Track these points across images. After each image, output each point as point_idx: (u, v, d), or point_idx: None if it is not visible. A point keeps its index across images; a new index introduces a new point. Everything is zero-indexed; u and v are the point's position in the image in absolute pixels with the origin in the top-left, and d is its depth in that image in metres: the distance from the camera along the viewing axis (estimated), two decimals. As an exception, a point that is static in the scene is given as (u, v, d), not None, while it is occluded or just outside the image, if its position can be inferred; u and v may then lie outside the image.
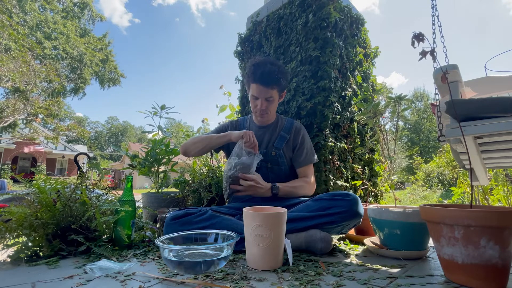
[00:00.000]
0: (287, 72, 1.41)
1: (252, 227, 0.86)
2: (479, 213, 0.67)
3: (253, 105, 1.39)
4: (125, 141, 46.53)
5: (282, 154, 1.39)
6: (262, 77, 1.29)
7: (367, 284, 0.74)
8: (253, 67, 1.33)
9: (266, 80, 1.29)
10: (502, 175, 2.04)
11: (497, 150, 0.99)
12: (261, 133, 1.44)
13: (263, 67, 1.30)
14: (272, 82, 1.30)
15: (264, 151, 1.39)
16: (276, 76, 1.30)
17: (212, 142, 1.39)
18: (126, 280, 0.78)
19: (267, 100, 1.34)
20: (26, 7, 14.66)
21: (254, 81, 1.32)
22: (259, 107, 1.35)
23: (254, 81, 1.32)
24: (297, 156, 1.41)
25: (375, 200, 2.14)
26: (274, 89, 1.33)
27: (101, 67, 18.07)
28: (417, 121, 31.49)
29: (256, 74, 1.30)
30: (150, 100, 21.11)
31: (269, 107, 1.37)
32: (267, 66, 1.30)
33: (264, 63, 1.32)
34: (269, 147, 1.41)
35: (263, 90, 1.32)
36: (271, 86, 1.31)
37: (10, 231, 0.98)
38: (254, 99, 1.37)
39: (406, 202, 6.19)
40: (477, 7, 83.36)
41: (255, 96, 1.35)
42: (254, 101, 1.37)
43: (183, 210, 1.18)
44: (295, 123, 1.48)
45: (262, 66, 1.31)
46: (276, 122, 1.48)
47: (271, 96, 1.34)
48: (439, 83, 0.85)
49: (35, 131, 14.96)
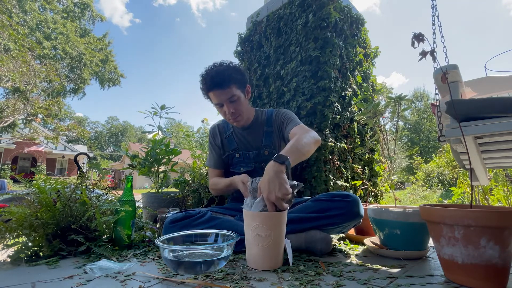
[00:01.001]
0: (237, 66, 1.32)
1: (253, 227, 0.86)
2: (479, 213, 0.67)
3: (222, 114, 1.33)
4: (125, 141, 46.54)
5: (275, 152, 1.34)
6: (213, 81, 1.24)
7: (367, 284, 0.74)
8: (202, 78, 1.28)
9: (218, 82, 1.23)
10: (502, 175, 2.04)
11: (497, 150, 0.99)
12: (246, 134, 1.40)
13: (210, 73, 1.25)
14: (225, 81, 1.23)
15: (256, 152, 1.36)
16: (226, 73, 1.24)
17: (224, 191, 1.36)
18: (126, 280, 0.78)
19: (231, 101, 1.27)
20: (26, 7, 14.66)
21: (209, 90, 1.26)
22: (228, 113, 1.28)
23: (209, 90, 1.26)
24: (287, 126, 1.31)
25: (375, 200, 2.14)
26: (232, 87, 1.25)
27: (101, 67, 18.08)
28: (417, 121, 31.50)
29: (207, 82, 1.25)
30: (150, 100, 21.05)
31: (238, 108, 1.29)
32: (213, 70, 1.26)
33: (209, 69, 1.28)
34: (259, 147, 1.37)
35: (221, 93, 1.25)
36: (227, 85, 1.24)
37: (10, 231, 0.98)
38: (219, 107, 1.30)
39: (406, 202, 6.19)
40: (477, 7, 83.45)
41: (218, 103, 1.28)
42: (220, 109, 1.31)
43: (181, 212, 1.17)
44: (274, 112, 1.41)
45: (209, 72, 1.26)
46: (256, 119, 1.41)
47: (233, 95, 1.26)
48: (439, 83, 0.85)
49: (35, 131, 14.96)
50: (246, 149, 1.38)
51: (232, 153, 1.40)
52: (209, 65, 1.30)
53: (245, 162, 1.37)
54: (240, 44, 2.56)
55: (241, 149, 1.39)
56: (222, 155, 1.43)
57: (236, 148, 1.39)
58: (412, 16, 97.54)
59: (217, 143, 1.44)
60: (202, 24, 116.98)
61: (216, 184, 1.34)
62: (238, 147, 1.39)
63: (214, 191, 1.38)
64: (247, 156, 1.37)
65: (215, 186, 1.35)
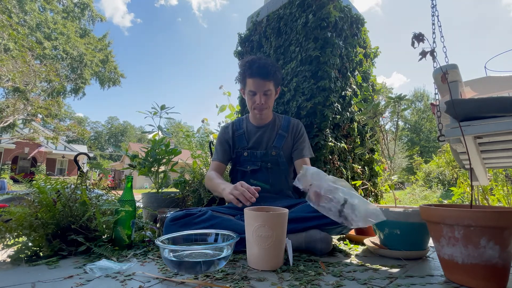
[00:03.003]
0: (279, 66, 1.42)
1: (254, 227, 0.86)
2: (479, 213, 0.67)
3: (250, 102, 1.37)
4: (125, 141, 46.53)
5: (282, 154, 1.38)
6: (258, 70, 1.29)
7: (367, 284, 0.74)
8: (247, 63, 1.33)
9: (262, 72, 1.29)
10: (502, 175, 2.04)
11: (497, 150, 0.99)
12: (260, 133, 1.43)
13: (258, 61, 1.31)
14: (269, 74, 1.30)
15: (264, 151, 1.39)
16: (271, 68, 1.30)
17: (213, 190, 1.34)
18: (126, 280, 0.78)
19: (265, 94, 1.33)
20: (26, 7, 14.66)
21: (251, 76, 1.31)
22: (258, 102, 1.33)
23: (251, 76, 1.31)
24: (300, 147, 1.39)
25: (375, 200, 2.14)
26: (271, 82, 1.33)
27: (101, 67, 18.08)
28: (417, 121, 31.50)
29: (253, 68, 1.30)
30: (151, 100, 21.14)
31: (268, 102, 1.35)
32: (261, 60, 1.32)
33: (258, 58, 1.33)
34: (268, 147, 1.40)
35: (261, 83, 1.31)
36: (268, 78, 1.31)
37: (10, 231, 0.98)
38: (251, 95, 1.35)
39: (406, 202, 6.19)
40: (477, 7, 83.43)
41: (253, 91, 1.33)
42: (251, 97, 1.36)
43: (182, 211, 1.17)
44: (292, 120, 1.47)
45: (257, 60, 1.32)
46: (273, 121, 1.46)
47: (269, 89, 1.33)
48: (439, 83, 0.85)
49: (35, 131, 14.96)
50: (255, 148, 1.41)
51: (240, 151, 1.42)
52: (253, 56, 1.37)
53: (251, 160, 1.40)
54: (240, 44, 2.55)
55: (251, 147, 1.42)
56: (231, 152, 1.46)
57: (246, 146, 1.42)
58: (412, 16, 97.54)
59: (226, 138, 1.47)
60: (204, 24, 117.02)
61: (212, 178, 1.33)
62: (248, 145, 1.42)
63: (206, 183, 1.38)
64: (254, 155, 1.40)
65: (210, 178, 1.34)
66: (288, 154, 1.41)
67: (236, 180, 1.47)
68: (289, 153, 1.41)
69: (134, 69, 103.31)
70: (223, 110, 2.44)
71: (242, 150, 1.42)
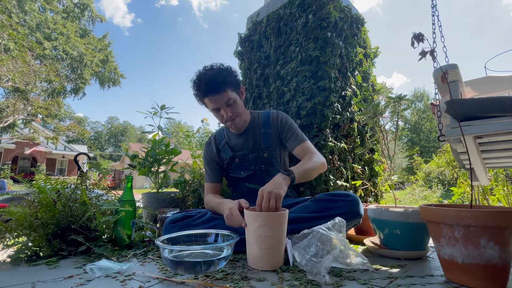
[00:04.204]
0: (229, 68, 1.29)
1: (254, 227, 0.86)
2: (479, 213, 0.67)
3: (219, 118, 1.29)
4: (125, 141, 46.53)
5: (274, 153, 1.33)
6: (207, 87, 1.20)
7: (367, 284, 0.74)
8: (195, 85, 1.24)
9: (213, 87, 1.20)
10: (502, 175, 2.04)
11: (497, 150, 0.99)
12: (243, 139, 1.36)
13: (204, 78, 1.21)
14: (219, 85, 1.20)
15: (255, 155, 1.33)
16: (219, 78, 1.21)
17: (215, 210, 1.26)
18: (126, 280, 0.78)
19: (228, 105, 1.24)
20: (26, 7, 14.66)
21: (204, 95, 1.23)
22: (226, 117, 1.25)
23: (204, 95, 1.23)
24: (290, 137, 1.32)
25: (375, 200, 2.14)
26: (227, 91, 1.22)
27: (101, 67, 18.09)
28: (417, 121, 31.50)
29: (202, 88, 1.22)
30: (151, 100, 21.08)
31: (235, 110, 1.27)
32: (206, 75, 1.22)
33: (202, 74, 1.24)
34: (258, 150, 1.34)
35: (217, 98, 1.22)
36: (222, 89, 1.21)
37: (10, 231, 0.98)
38: (216, 112, 1.27)
39: (406, 202, 6.19)
40: (477, 8, 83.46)
41: (215, 108, 1.25)
42: (217, 114, 1.27)
43: (181, 213, 1.17)
44: (271, 114, 1.39)
45: (202, 78, 1.22)
46: (252, 121, 1.38)
47: (229, 99, 1.23)
48: (439, 82, 0.85)
49: (35, 131, 14.96)
50: (244, 153, 1.36)
51: (230, 160, 1.37)
52: (200, 70, 1.26)
53: (244, 165, 1.35)
54: (240, 44, 2.55)
55: (239, 154, 1.36)
56: (219, 167, 1.40)
57: (233, 155, 1.36)
58: (413, 16, 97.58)
59: (212, 156, 1.40)
60: (204, 24, 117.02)
61: (210, 202, 1.28)
62: (235, 154, 1.36)
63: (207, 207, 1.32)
64: (246, 159, 1.35)
65: (209, 203, 1.29)
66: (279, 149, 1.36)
67: (231, 185, 1.46)
68: (280, 147, 1.36)
69: (134, 69, 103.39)
70: (223, 110, 2.43)
71: (231, 159, 1.37)
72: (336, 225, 0.85)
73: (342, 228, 0.85)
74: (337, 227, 0.84)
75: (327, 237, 0.81)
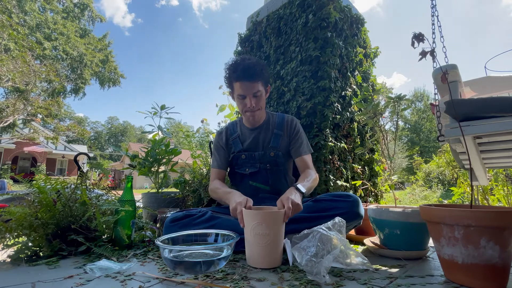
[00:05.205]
0: (265, 65, 1.36)
1: (252, 226, 0.87)
2: (479, 213, 0.67)
3: (241, 106, 1.32)
4: (125, 141, 46.53)
5: (280, 154, 1.35)
6: (244, 72, 1.23)
7: (367, 284, 0.74)
8: (232, 66, 1.28)
9: (249, 74, 1.23)
10: (502, 175, 2.04)
11: (497, 150, 0.99)
12: (255, 134, 1.39)
13: (242, 63, 1.25)
14: (256, 74, 1.24)
15: (262, 153, 1.35)
16: (257, 68, 1.25)
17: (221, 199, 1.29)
18: (126, 280, 0.78)
19: (255, 96, 1.28)
20: (26, 7, 14.66)
21: (237, 79, 1.26)
22: (248, 106, 1.28)
23: (237, 79, 1.26)
24: (297, 145, 1.35)
25: (375, 200, 2.14)
26: (259, 82, 1.27)
27: (101, 67, 18.08)
28: (417, 121, 31.49)
29: (238, 71, 1.25)
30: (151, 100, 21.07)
31: (259, 103, 1.30)
32: (245, 61, 1.26)
33: (242, 59, 1.28)
34: (266, 148, 1.36)
35: (249, 86, 1.25)
36: (256, 79, 1.25)
37: (10, 231, 0.98)
38: (241, 98, 1.30)
39: (406, 202, 6.19)
40: (478, 8, 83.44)
41: (242, 94, 1.28)
42: (241, 101, 1.31)
43: (182, 212, 1.17)
44: (286, 117, 1.42)
45: (241, 62, 1.26)
46: (267, 120, 1.41)
47: (258, 91, 1.27)
48: (439, 83, 0.85)
49: (35, 131, 14.96)
50: (252, 150, 1.38)
51: (237, 154, 1.39)
52: (237, 57, 1.31)
53: (250, 162, 1.36)
54: (240, 44, 2.56)
55: (247, 150, 1.38)
56: (228, 156, 1.43)
57: (241, 149, 1.39)
58: (413, 16, 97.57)
59: (221, 144, 1.44)
60: (204, 24, 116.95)
61: (216, 189, 1.29)
62: (243, 148, 1.39)
63: (212, 195, 1.34)
64: (252, 157, 1.36)
65: (215, 190, 1.30)
66: (286, 152, 1.39)
67: (235, 182, 1.47)
68: (287, 151, 1.39)
69: (134, 69, 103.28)
70: (223, 110, 2.44)
71: (239, 153, 1.39)
72: (336, 225, 0.85)
73: (342, 228, 0.85)
74: (337, 227, 0.84)
75: (327, 237, 0.81)
